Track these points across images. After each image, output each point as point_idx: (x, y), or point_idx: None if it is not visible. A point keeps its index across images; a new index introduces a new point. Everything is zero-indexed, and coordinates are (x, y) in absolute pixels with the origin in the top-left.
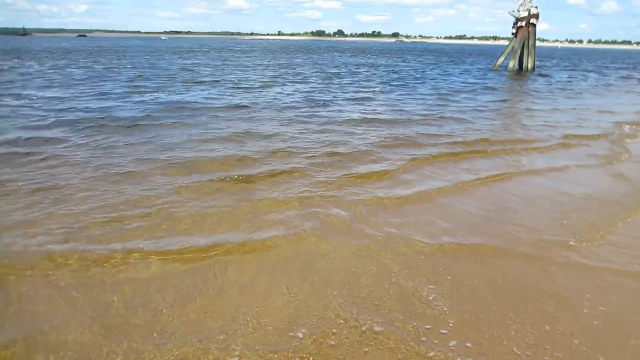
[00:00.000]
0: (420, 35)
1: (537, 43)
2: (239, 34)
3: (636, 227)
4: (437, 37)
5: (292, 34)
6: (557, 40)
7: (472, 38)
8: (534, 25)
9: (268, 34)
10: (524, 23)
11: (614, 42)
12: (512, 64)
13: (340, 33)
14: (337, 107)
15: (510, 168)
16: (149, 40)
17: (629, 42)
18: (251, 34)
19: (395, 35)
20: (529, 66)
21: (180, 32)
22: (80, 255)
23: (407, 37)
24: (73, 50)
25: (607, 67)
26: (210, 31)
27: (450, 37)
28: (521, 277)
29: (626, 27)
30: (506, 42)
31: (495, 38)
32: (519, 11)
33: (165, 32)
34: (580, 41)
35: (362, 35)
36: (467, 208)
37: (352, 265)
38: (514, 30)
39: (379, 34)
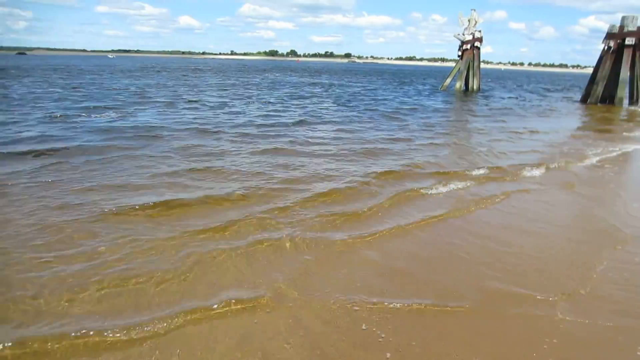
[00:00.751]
0: (371, 56)
1: (482, 65)
2: (190, 53)
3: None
4: (388, 58)
5: (245, 54)
6: (500, 63)
7: (421, 59)
8: (478, 48)
9: (220, 54)
10: (469, 46)
11: (552, 65)
12: (459, 84)
13: (293, 53)
14: (296, 132)
15: (469, 200)
16: (95, 58)
17: (566, 66)
18: (203, 53)
19: (348, 55)
20: (475, 87)
21: (129, 51)
22: None
23: (359, 57)
24: (11, 68)
25: (548, 89)
26: (160, 50)
27: (401, 58)
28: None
29: (562, 51)
30: (453, 64)
31: (443, 60)
32: (464, 35)
33: (112, 51)
34: (522, 63)
35: (315, 55)
36: (422, 253)
37: (290, 339)
38: (460, 53)
39: (331, 55)
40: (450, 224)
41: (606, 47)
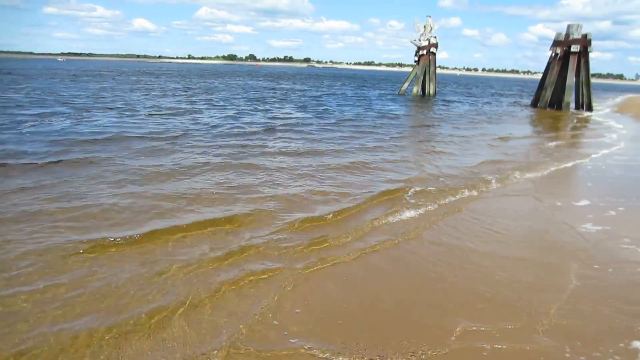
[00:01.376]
0: (331, 61)
1: (438, 70)
2: (145, 56)
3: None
4: (347, 63)
5: (203, 58)
6: (456, 68)
7: (379, 64)
8: (434, 53)
9: (178, 57)
10: (425, 52)
11: (504, 71)
12: (416, 89)
13: (252, 57)
14: (263, 142)
15: (436, 222)
16: (44, 61)
17: (517, 71)
18: (159, 57)
19: (307, 60)
20: (431, 91)
21: (80, 54)
22: None
23: (318, 62)
24: None
25: (502, 93)
26: (114, 53)
27: (360, 63)
28: None
29: (514, 57)
30: (411, 69)
31: (401, 65)
32: (420, 40)
33: (62, 54)
34: (476, 69)
35: (274, 59)
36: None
37: None
38: (417, 58)
39: (291, 59)
40: (416, 253)
41: (553, 54)
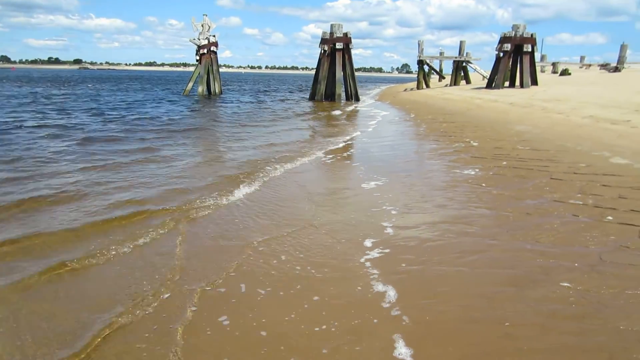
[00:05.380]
0: (107, 62)
1: (224, 69)
2: None
3: None
4: (126, 64)
5: None
6: (240, 67)
7: (162, 65)
8: (215, 52)
9: None
10: (205, 50)
11: (286, 68)
12: (201, 89)
13: (5, 59)
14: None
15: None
16: None
17: (297, 68)
18: None
19: (78, 61)
20: (217, 90)
21: None
22: None
23: (92, 63)
24: None
25: (280, 89)
26: None
27: (140, 64)
28: None
29: (292, 55)
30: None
31: (185, 64)
32: (199, 39)
33: None
34: (260, 67)
35: (35, 62)
36: None
37: None
38: (198, 58)
39: (57, 61)
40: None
41: (322, 51)
